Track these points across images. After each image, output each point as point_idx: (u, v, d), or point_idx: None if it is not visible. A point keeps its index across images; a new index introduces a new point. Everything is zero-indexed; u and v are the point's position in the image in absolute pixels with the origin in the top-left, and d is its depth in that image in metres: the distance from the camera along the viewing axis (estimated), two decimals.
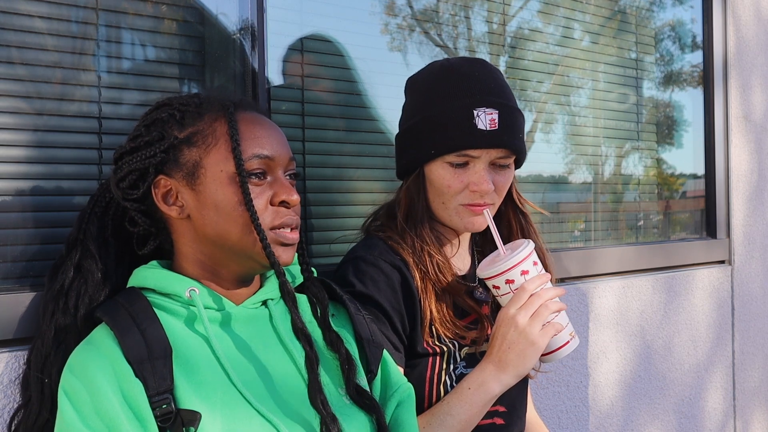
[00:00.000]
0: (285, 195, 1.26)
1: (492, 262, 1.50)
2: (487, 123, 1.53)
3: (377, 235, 1.61)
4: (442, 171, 1.55)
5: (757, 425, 3.28)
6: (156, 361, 1.17)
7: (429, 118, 1.56)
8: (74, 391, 1.15)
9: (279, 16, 1.90)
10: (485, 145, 1.52)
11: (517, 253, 1.46)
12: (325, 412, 1.21)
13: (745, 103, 3.20)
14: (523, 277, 1.45)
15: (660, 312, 2.81)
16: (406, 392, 1.42)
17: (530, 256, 1.47)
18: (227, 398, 1.19)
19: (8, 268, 1.48)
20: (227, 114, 1.27)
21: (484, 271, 1.48)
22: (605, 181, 2.90)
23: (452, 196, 1.56)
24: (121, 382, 1.15)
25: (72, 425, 1.13)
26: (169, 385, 1.16)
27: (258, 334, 1.29)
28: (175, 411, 1.15)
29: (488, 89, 1.56)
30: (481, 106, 1.53)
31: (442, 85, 1.58)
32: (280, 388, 1.25)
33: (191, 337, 1.23)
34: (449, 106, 1.54)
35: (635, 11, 3.00)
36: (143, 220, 1.32)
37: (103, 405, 1.13)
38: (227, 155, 1.24)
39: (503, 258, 1.48)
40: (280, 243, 1.26)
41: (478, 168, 1.54)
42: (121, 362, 1.16)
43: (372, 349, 1.38)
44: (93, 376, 1.15)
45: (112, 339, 1.19)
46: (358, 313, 1.41)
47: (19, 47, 1.50)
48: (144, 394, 1.14)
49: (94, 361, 1.17)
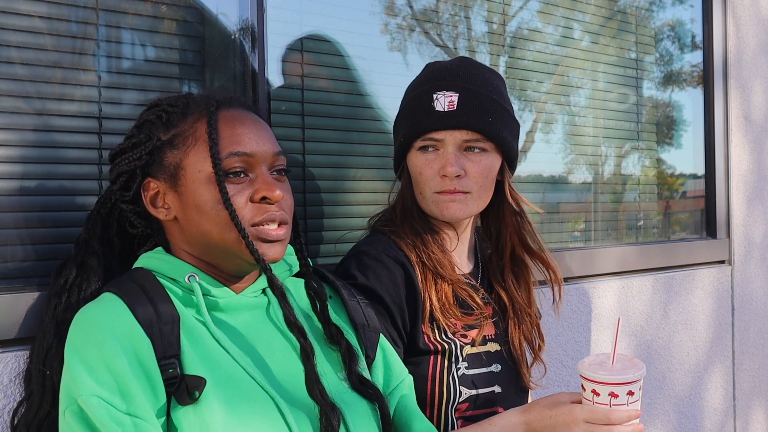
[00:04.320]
0: (265, 191, 1.25)
1: (598, 363, 1.37)
2: (446, 105, 1.56)
3: (382, 230, 1.62)
4: (415, 159, 1.60)
5: (757, 425, 3.28)
6: (164, 325, 1.17)
7: (401, 110, 1.64)
8: (83, 344, 1.14)
9: (279, 16, 1.90)
10: (443, 126, 1.55)
11: (619, 374, 1.33)
12: (324, 402, 1.21)
13: (745, 103, 3.20)
14: (615, 399, 1.33)
15: (660, 312, 2.81)
16: (408, 384, 1.44)
17: (630, 384, 1.32)
18: (231, 371, 1.20)
19: (8, 268, 1.48)
20: (208, 113, 1.27)
21: (585, 367, 1.35)
22: (605, 181, 2.89)
23: (425, 184, 1.58)
24: (133, 338, 1.15)
25: (78, 378, 1.12)
26: (176, 351, 1.17)
27: (257, 321, 1.30)
28: (180, 376, 1.15)
29: (452, 75, 1.59)
30: (441, 90, 1.57)
31: (418, 79, 1.65)
32: (279, 371, 1.26)
33: (193, 320, 1.24)
34: (415, 93, 1.61)
35: (635, 11, 3.00)
36: (139, 221, 1.34)
37: (113, 359, 1.12)
38: (205, 155, 1.25)
39: (608, 369, 1.35)
40: (262, 240, 1.25)
41: (445, 152, 1.57)
42: (131, 320, 1.17)
43: (368, 334, 1.39)
44: (102, 330, 1.14)
45: (122, 302, 1.19)
46: (352, 298, 1.42)
47: (19, 47, 1.50)
48: (153, 355, 1.15)
49: (104, 315, 1.17)
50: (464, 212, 1.59)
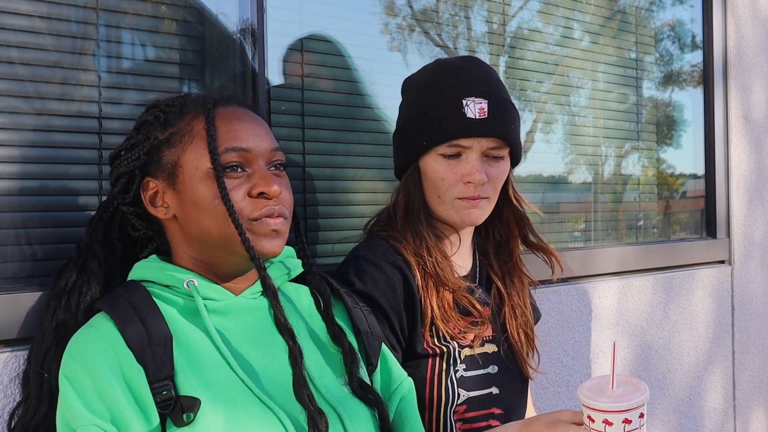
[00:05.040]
0: (263, 186, 1.25)
1: (598, 388, 1.29)
2: (477, 111, 1.54)
3: (379, 235, 1.61)
4: (436, 164, 1.56)
5: (757, 425, 3.28)
6: (156, 347, 1.17)
7: (421, 113, 1.58)
8: (75, 374, 1.15)
9: (279, 16, 1.90)
10: (474, 134, 1.53)
11: (619, 401, 1.24)
12: (312, 407, 1.20)
13: (745, 103, 3.20)
14: (609, 427, 1.24)
15: (660, 312, 2.81)
16: (407, 386, 1.43)
17: (631, 411, 1.23)
18: (228, 385, 1.19)
19: (8, 268, 1.48)
20: (205, 110, 1.27)
21: (583, 394, 1.27)
22: (605, 181, 2.89)
23: (447, 190, 1.56)
24: (123, 366, 1.15)
25: (74, 408, 1.13)
26: (169, 372, 1.16)
27: (256, 324, 1.30)
28: (175, 397, 1.15)
29: (477, 80, 1.57)
30: (470, 96, 1.54)
31: (433, 80, 1.60)
32: (277, 377, 1.25)
33: (191, 328, 1.24)
34: (439, 97, 1.56)
35: (635, 11, 3.00)
36: (140, 223, 1.35)
37: (105, 388, 1.13)
38: (203, 152, 1.25)
39: (608, 396, 1.26)
40: (261, 234, 1.25)
41: (471, 158, 1.55)
42: (122, 347, 1.16)
43: (371, 341, 1.38)
44: (94, 359, 1.15)
45: (112, 325, 1.19)
46: (355, 306, 1.42)
47: (19, 47, 1.50)
48: (145, 380, 1.15)
49: (94, 344, 1.17)
50: (482, 217, 1.59)
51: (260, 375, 1.24)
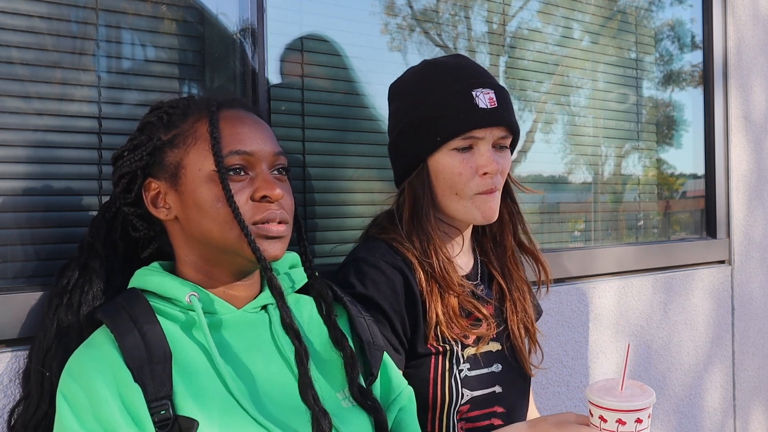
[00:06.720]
0: (266, 190, 1.25)
1: (606, 389, 1.34)
2: (487, 102, 1.53)
3: (379, 237, 1.59)
4: (449, 159, 1.54)
5: (757, 425, 3.28)
6: (156, 365, 1.16)
7: (428, 110, 1.55)
8: (73, 394, 1.15)
9: (279, 16, 1.90)
10: (488, 123, 1.52)
11: (630, 401, 1.30)
12: (316, 408, 1.20)
13: (745, 103, 3.20)
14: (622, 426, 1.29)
15: (659, 312, 2.81)
16: (407, 396, 1.42)
17: (639, 411, 1.29)
18: (225, 406, 1.19)
19: (8, 268, 1.48)
20: (209, 113, 1.27)
21: (595, 394, 1.32)
22: (605, 181, 2.90)
23: (465, 185, 1.54)
24: (120, 386, 1.15)
25: (70, 429, 1.13)
26: (168, 391, 1.15)
27: (257, 340, 1.29)
28: (173, 417, 1.14)
29: (478, 72, 1.59)
30: (478, 87, 1.54)
31: (431, 78, 1.58)
32: (276, 396, 1.25)
33: (190, 344, 1.23)
34: (446, 92, 1.55)
35: (635, 11, 3.00)
36: (141, 224, 1.35)
37: (102, 409, 1.13)
38: (206, 154, 1.24)
39: (617, 396, 1.32)
40: (264, 236, 1.24)
41: (483, 149, 1.54)
42: (120, 367, 1.16)
43: (373, 351, 1.37)
44: (92, 380, 1.15)
45: (111, 342, 1.18)
46: (359, 315, 1.41)
47: (19, 47, 1.50)
48: (143, 400, 1.14)
49: (93, 364, 1.16)
50: (497, 211, 1.57)
51: (259, 392, 1.23)
